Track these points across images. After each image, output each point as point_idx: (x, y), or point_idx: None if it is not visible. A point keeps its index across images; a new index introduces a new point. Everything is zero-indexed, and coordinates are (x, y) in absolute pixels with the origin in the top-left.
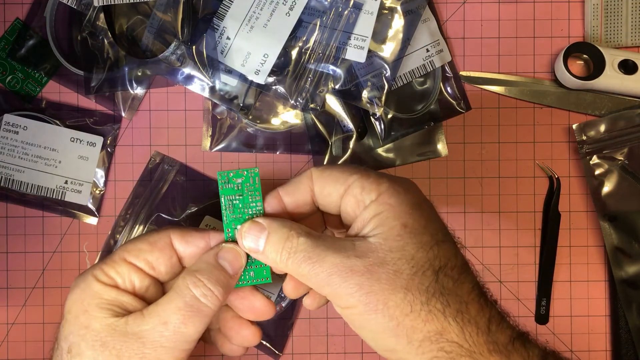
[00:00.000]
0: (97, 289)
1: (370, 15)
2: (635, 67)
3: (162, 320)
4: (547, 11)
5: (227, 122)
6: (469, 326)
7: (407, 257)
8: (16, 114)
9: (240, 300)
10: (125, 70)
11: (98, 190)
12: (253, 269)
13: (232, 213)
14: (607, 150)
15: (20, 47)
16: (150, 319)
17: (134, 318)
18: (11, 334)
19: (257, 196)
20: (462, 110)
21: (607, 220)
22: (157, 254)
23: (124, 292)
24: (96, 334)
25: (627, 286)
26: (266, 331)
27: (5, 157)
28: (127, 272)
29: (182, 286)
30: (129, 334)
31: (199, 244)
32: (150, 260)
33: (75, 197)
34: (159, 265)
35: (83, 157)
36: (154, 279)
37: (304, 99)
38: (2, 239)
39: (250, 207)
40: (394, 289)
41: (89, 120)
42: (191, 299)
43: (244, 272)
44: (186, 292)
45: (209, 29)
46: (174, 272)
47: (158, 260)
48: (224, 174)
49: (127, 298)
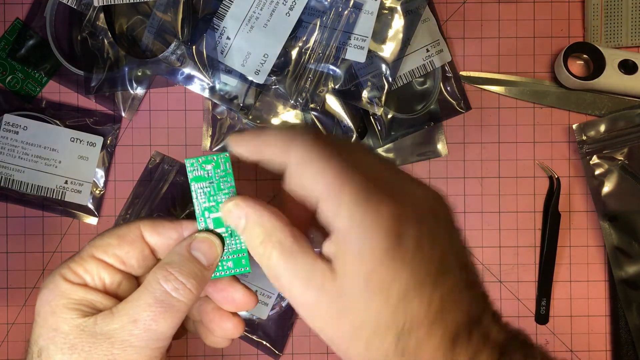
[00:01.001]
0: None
1: (370, 15)
2: (635, 67)
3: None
4: (547, 11)
5: (227, 122)
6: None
7: (368, 318)
8: (16, 114)
9: (219, 292)
10: (125, 70)
11: (98, 190)
12: (231, 259)
13: (204, 201)
14: (607, 150)
15: (20, 47)
16: (119, 318)
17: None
18: (11, 334)
19: (229, 182)
20: (462, 110)
21: (607, 220)
22: (126, 248)
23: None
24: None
25: (627, 286)
26: (266, 331)
27: (5, 157)
28: (95, 269)
29: (152, 281)
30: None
31: (171, 235)
32: (120, 254)
33: (75, 197)
34: (130, 260)
35: (83, 157)
36: (127, 274)
37: (304, 99)
38: (2, 239)
39: (223, 195)
40: (356, 343)
41: (89, 120)
42: (162, 294)
43: (221, 262)
44: (156, 287)
45: (209, 29)
46: (147, 266)
47: (128, 254)
48: (192, 161)
49: (97, 296)
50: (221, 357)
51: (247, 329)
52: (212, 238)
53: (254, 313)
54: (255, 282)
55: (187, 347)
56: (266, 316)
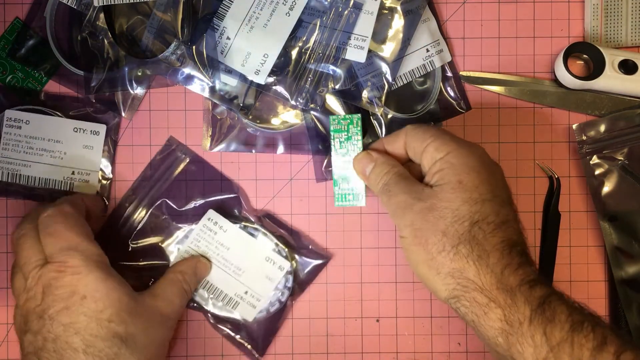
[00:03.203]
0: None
1: (370, 15)
2: (635, 67)
3: (169, 299)
4: (547, 11)
5: (227, 122)
6: (484, 269)
7: (452, 208)
8: (17, 109)
9: None
10: (125, 70)
11: (105, 179)
12: (352, 194)
13: (339, 147)
14: (607, 150)
15: (20, 46)
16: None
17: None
18: (11, 333)
19: (357, 135)
20: (462, 110)
21: (607, 220)
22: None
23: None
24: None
25: (627, 286)
26: (250, 333)
27: (10, 153)
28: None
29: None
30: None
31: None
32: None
33: (84, 187)
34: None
35: (88, 147)
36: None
37: (304, 99)
38: (2, 239)
39: (353, 144)
40: (435, 231)
41: (89, 110)
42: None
43: (345, 196)
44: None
45: (209, 29)
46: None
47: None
48: (334, 117)
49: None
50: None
51: (230, 327)
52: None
53: (241, 314)
54: (247, 283)
55: (187, 347)
56: (252, 319)
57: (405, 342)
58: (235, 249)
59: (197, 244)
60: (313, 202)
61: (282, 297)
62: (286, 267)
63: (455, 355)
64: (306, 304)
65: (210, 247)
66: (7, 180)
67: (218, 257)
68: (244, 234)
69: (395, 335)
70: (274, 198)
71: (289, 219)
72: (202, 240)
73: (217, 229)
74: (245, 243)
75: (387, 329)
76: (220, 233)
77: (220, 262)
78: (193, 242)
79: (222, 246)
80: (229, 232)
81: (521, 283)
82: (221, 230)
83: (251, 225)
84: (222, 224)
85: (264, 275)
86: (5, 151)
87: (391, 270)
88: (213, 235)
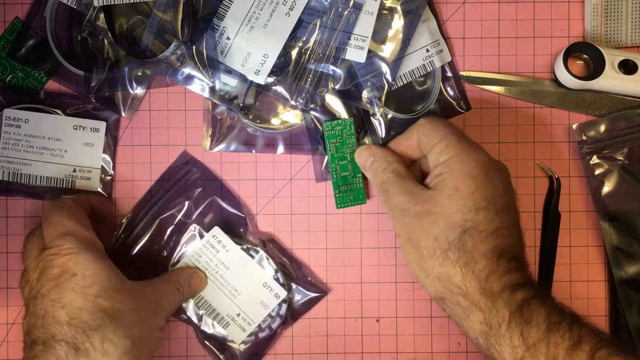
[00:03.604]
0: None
1: (370, 15)
2: (635, 67)
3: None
4: (547, 11)
5: (227, 122)
6: (469, 275)
7: (445, 215)
8: (16, 108)
9: None
10: (125, 70)
11: (107, 176)
12: (353, 194)
13: (334, 152)
14: (607, 150)
15: (20, 46)
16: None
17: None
18: (11, 334)
19: (352, 139)
20: (462, 110)
21: (607, 220)
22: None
23: None
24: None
25: (627, 286)
26: (234, 355)
27: (11, 152)
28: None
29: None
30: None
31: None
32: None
33: (86, 184)
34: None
35: (88, 144)
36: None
37: (304, 99)
38: (2, 239)
39: (347, 148)
40: (427, 235)
41: (89, 107)
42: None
43: (345, 197)
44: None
45: (209, 29)
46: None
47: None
48: (327, 123)
49: None
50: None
51: (216, 345)
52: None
53: (229, 335)
54: (241, 305)
55: (188, 347)
56: (240, 341)
57: (405, 342)
58: (235, 270)
59: (198, 258)
60: (313, 202)
61: (273, 324)
62: (282, 295)
63: (455, 355)
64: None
65: (211, 264)
66: (7, 180)
67: (217, 275)
68: (246, 256)
69: (395, 335)
70: (274, 198)
71: (288, 219)
72: (203, 256)
73: (220, 247)
74: (246, 265)
75: (387, 329)
76: (223, 252)
77: (218, 280)
78: (194, 256)
79: (223, 265)
80: (231, 252)
81: (504, 288)
82: (224, 249)
83: (254, 247)
84: (226, 243)
85: (260, 300)
86: (5, 150)
87: (391, 270)
88: (215, 252)
